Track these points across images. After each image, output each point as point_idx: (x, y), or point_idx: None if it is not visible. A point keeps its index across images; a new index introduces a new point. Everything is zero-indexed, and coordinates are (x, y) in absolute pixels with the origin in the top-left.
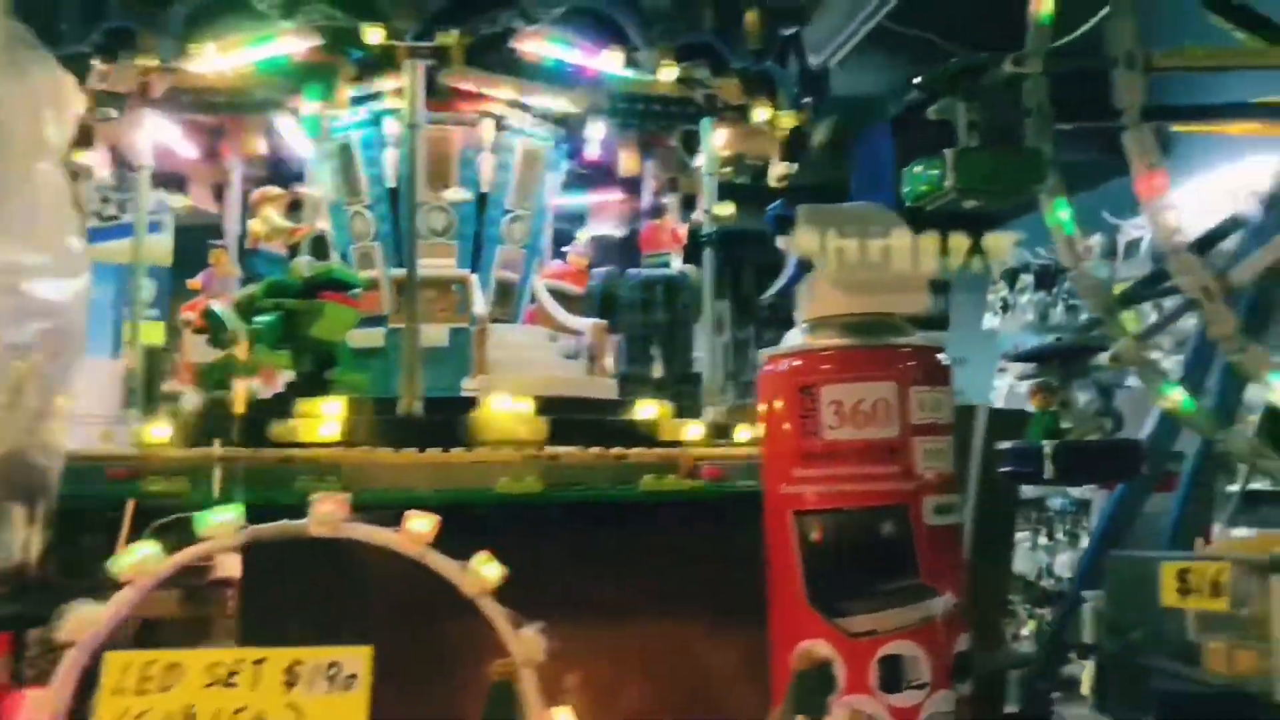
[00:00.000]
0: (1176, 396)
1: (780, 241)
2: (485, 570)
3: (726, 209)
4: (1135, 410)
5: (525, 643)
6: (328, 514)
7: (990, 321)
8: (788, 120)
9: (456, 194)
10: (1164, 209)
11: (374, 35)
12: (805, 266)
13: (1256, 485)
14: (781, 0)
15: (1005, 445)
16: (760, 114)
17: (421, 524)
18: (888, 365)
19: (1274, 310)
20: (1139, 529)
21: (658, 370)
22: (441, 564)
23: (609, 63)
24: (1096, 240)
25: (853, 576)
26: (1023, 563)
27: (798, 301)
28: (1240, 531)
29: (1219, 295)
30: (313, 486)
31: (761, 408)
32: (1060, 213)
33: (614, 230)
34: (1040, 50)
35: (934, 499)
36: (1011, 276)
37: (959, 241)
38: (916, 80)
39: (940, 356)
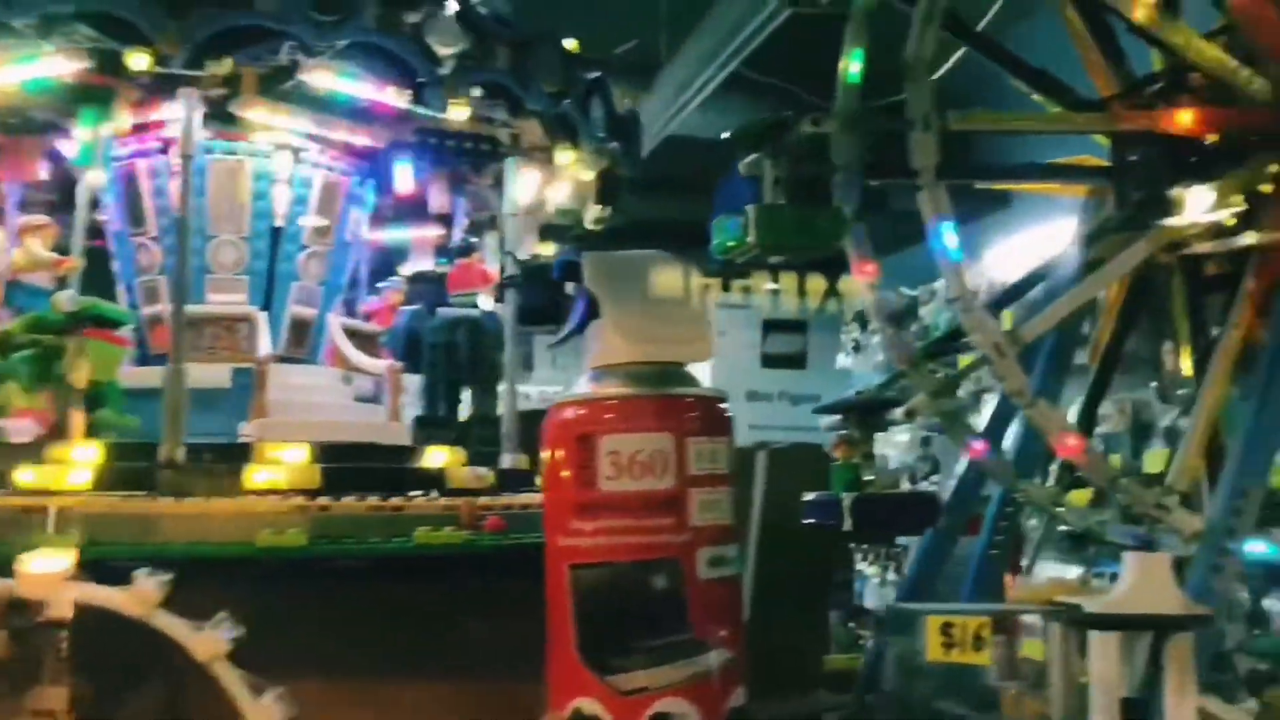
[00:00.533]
0: (978, 447)
1: (569, 288)
2: (220, 632)
3: (548, 249)
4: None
5: (262, 711)
6: (39, 574)
7: (843, 361)
8: (594, 163)
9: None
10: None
11: (139, 61)
12: (592, 313)
13: None
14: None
15: (809, 497)
16: (562, 156)
17: (149, 583)
18: (667, 416)
19: (1071, 360)
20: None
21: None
22: (171, 626)
23: (395, 98)
24: (936, 288)
25: (624, 632)
26: (872, 598)
27: (585, 348)
28: (1047, 573)
29: (1009, 351)
30: (48, 540)
31: (544, 457)
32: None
33: (433, 267)
34: (848, 110)
35: (709, 551)
36: (863, 317)
37: (816, 284)
38: (725, 135)
39: (721, 406)
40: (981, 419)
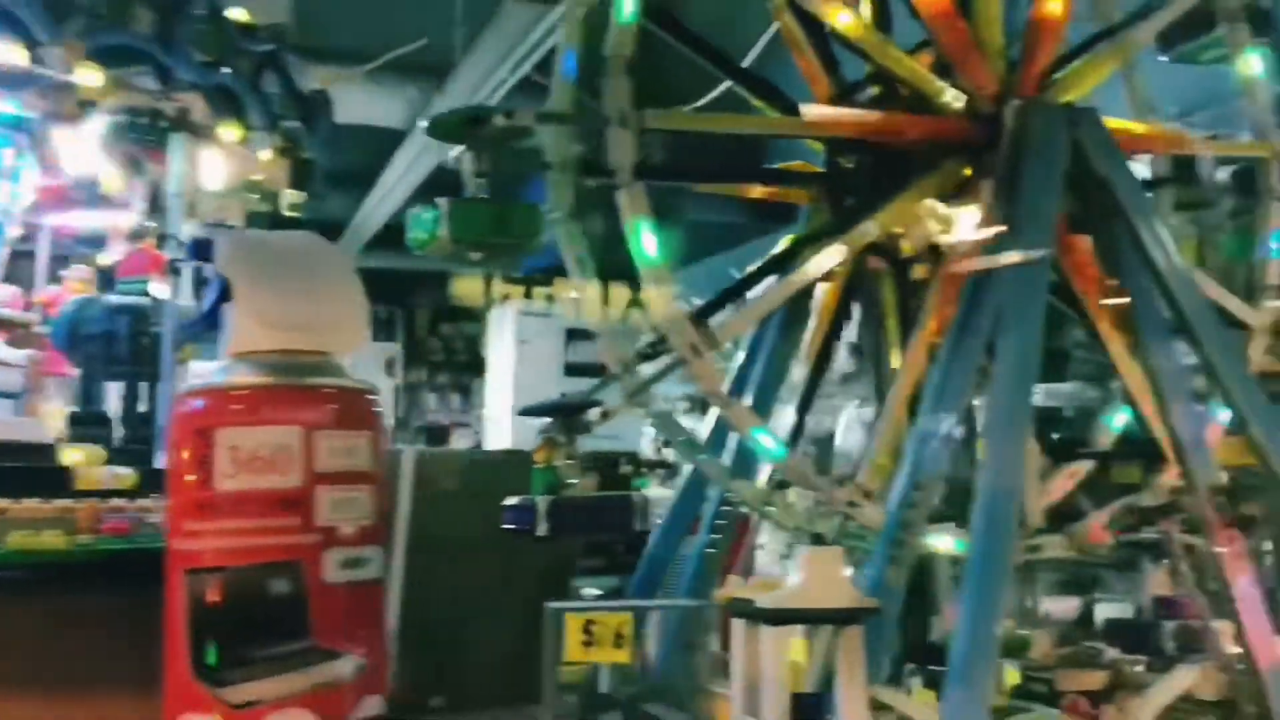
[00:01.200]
0: (690, 449)
1: (206, 269)
2: None
3: None
4: None
5: None
6: None
7: (647, 369)
8: (269, 142)
9: None
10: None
11: None
12: (225, 297)
13: None
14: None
15: (510, 501)
16: (227, 133)
17: None
18: (294, 408)
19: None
20: None
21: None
22: None
23: (13, 58)
24: None
25: (238, 641)
26: None
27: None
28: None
29: (706, 352)
30: None
31: (169, 455)
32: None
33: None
34: (565, 102)
35: (340, 553)
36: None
37: (619, 292)
38: (423, 125)
39: (368, 398)
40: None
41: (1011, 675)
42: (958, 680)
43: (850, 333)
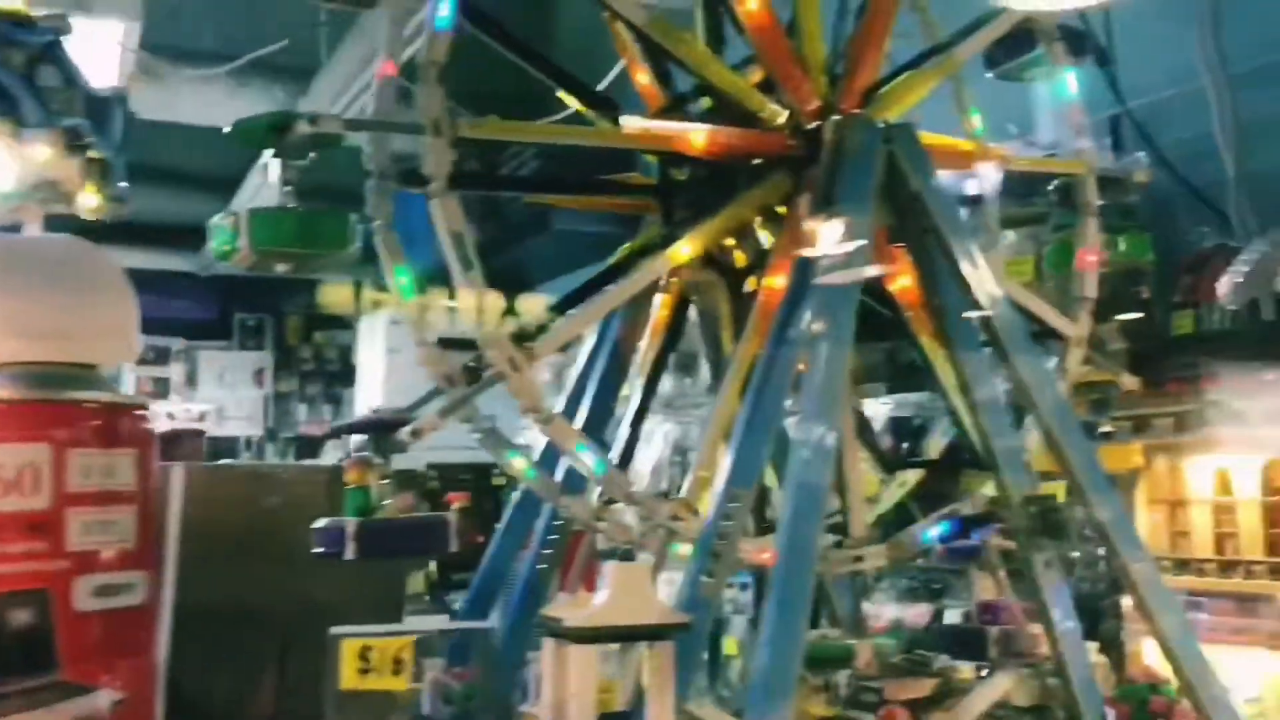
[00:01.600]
0: (519, 464)
1: None
2: None
3: None
4: None
5: None
6: None
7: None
8: (48, 140)
9: None
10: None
11: None
12: None
13: None
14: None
15: (319, 524)
16: None
17: None
18: (43, 424)
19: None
20: None
21: None
22: None
23: None
24: None
25: None
26: None
27: None
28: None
29: (524, 367)
30: None
31: None
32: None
33: None
34: (379, 114)
35: (95, 579)
36: None
37: (494, 301)
38: (226, 129)
39: (135, 414)
40: None
41: None
42: (761, 693)
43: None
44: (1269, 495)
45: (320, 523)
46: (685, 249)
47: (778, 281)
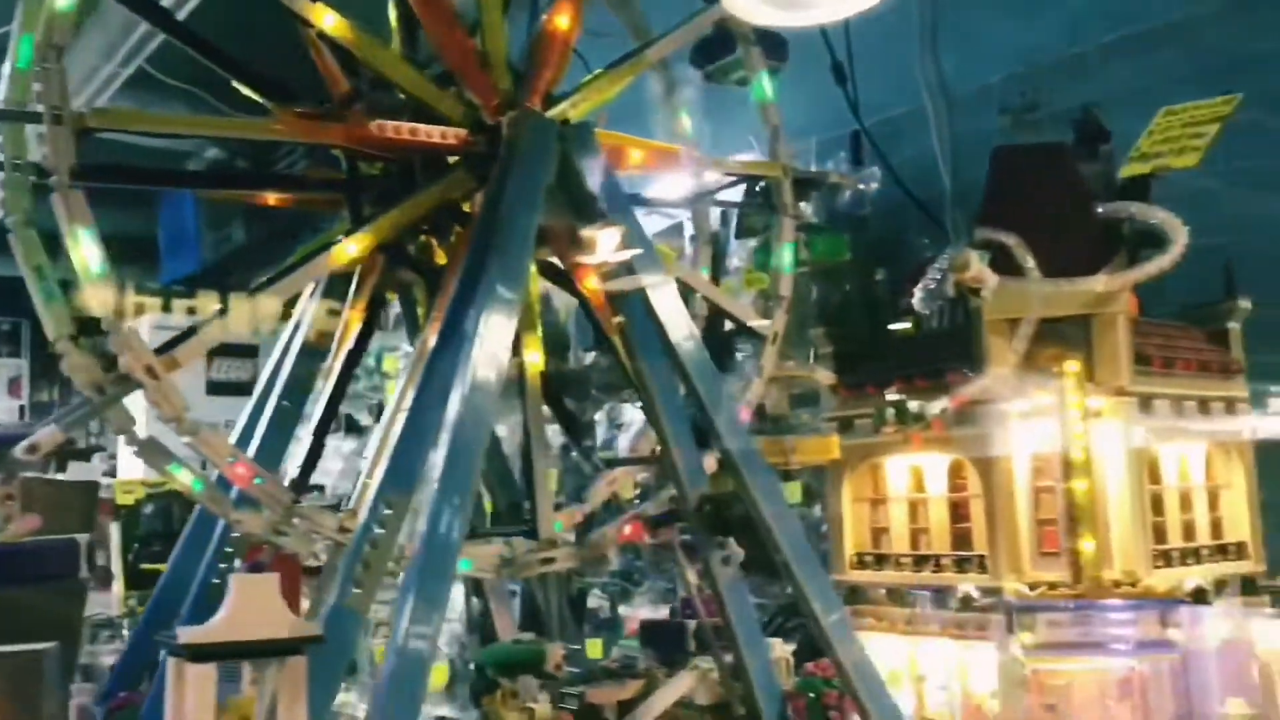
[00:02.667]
0: (184, 477)
1: None
2: None
3: None
4: None
5: None
6: None
7: None
8: None
9: None
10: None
11: None
12: None
13: None
14: None
15: None
16: None
17: None
18: None
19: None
20: None
21: None
22: None
23: None
24: None
25: None
26: None
27: None
28: None
29: (163, 374)
30: None
31: None
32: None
33: None
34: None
35: None
36: None
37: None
38: None
39: None
40: None
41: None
42: (389, 689)
43: None
44: (954, 492)
45: None
46: (351, 248)
47: (454, 283)
